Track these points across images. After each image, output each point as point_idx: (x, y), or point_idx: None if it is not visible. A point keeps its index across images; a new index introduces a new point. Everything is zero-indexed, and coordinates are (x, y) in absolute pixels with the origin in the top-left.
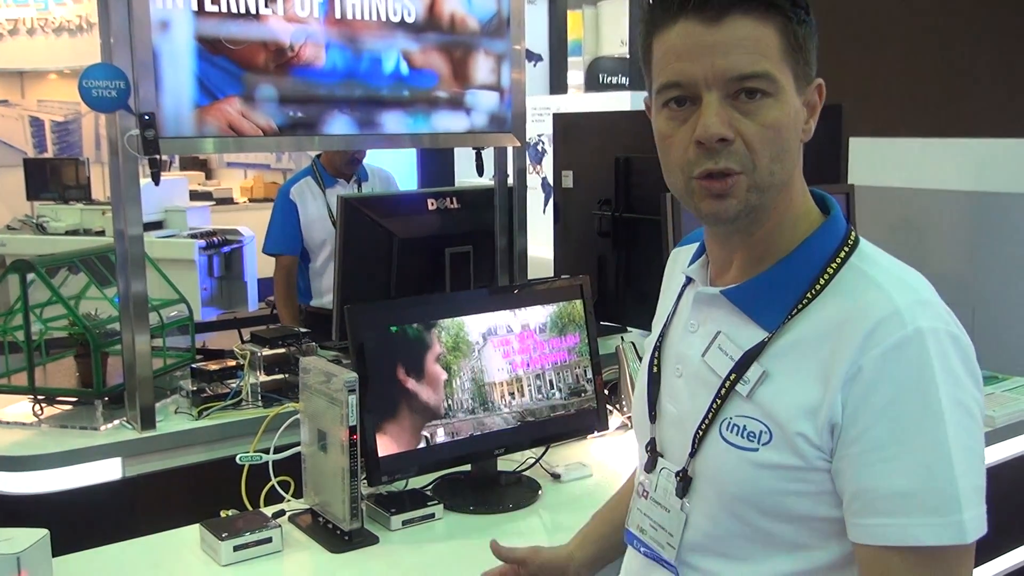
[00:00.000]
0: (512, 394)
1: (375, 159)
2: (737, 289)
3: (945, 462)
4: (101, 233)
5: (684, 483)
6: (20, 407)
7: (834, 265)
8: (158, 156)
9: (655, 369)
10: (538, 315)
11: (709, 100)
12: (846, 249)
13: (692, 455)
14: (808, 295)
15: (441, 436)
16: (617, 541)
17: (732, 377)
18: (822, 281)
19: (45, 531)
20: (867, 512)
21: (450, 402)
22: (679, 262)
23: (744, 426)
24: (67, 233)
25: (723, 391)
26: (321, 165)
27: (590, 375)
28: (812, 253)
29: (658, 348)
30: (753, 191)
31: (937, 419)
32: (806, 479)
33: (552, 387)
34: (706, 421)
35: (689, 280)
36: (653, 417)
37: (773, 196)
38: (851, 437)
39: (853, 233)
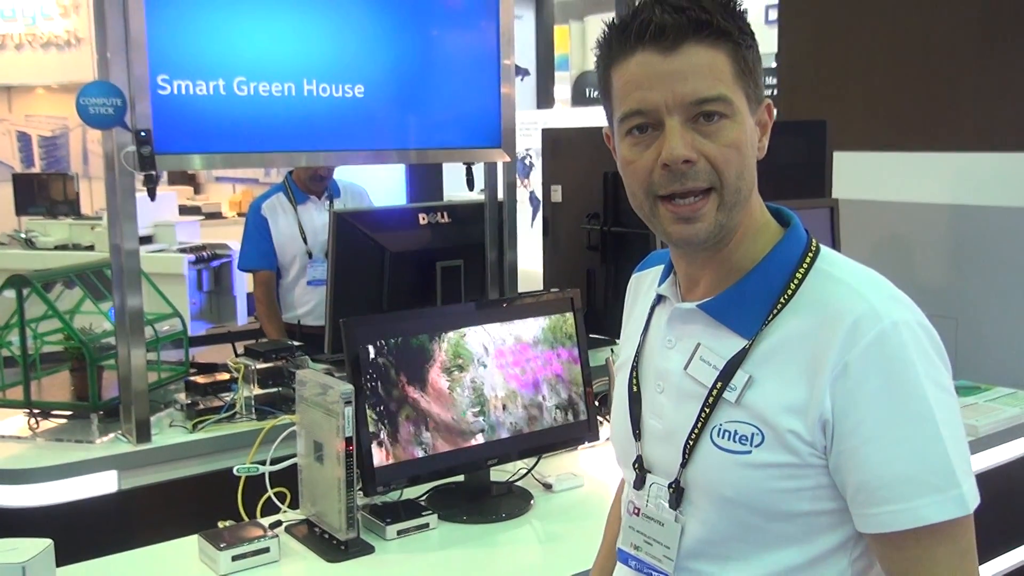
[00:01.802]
0: (504, 405)
1: (362, 173)
2: (713, 302)
3: (938, 441)
4: (90, 248)
5: (677, 494)
6: (15, 421)
7: (802, 270)
8: (154, 172)
9: (635, 388)
10: (529, 328)
11: (672, 125)
12: (810, 255)
13: (684, 465)
14: (781, 300)
15: (435, 447)
16: None
17: (718, 385)
18: (792, 286)
19: (49, 541)
20: (873, 501)
21: (443, 413)
22: (643, 286)
23: (735, 431)
24: (56, 248)
25: (711, 399)
26: (293, 181)
27: (580, 387)
28: (780, 262)
29: (635, 367)
30: (722, 210)
31: (924, 403)
32: (800, 475)
33: (543, 399)
34: (696, 430)
35: (659, 299)
36: (637, 435)
37: (739, 213)
38: (845, 431)
39: (814, 241)
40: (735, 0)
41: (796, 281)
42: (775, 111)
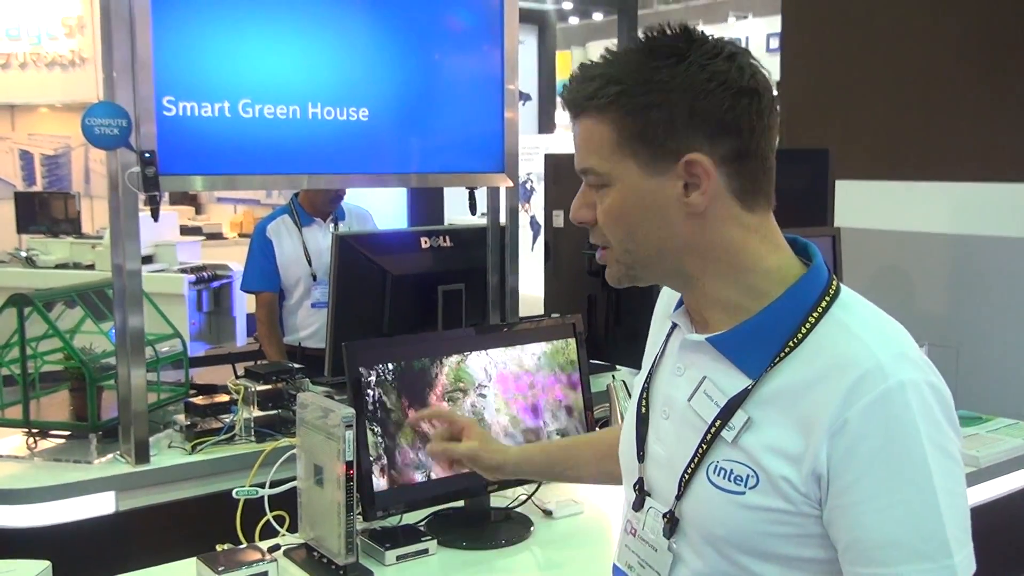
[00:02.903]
0: (505, 431)
1: (363, 196)
2: (722, 337)
3: (933, 509)
4: (91, 267)
5: (671, 524)
6: (13, 440)
7: (815, 315)
8: (158, 193)
9: (643, 410)
10: (530, 353)
11: (582, 187)
12: (827, 299)
13: (679, 497)
14: (790, 344)
15: (435, 472)
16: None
17: (717, 423)
18: (803, 331)
19: (47, 562)
20: (861, 562)
21: None
22: (666, 301)
23: (731, 470)
24: (57, 267)
25: (709, 436)
26: (299, 204)
27: (581, 412)
28: (794, 303)
29: (646, 389)
30: (619, 265)
31: (923, 468)
32: (792, 522)
33: (544, 424)
34: (692, 464)
35: (676, 324)
36: (641, 457)
37: (652, 264)
38: (839, 488)
39: (835, 282)
40: (660, 49)
41: (808, 325)
42: (708, 164)
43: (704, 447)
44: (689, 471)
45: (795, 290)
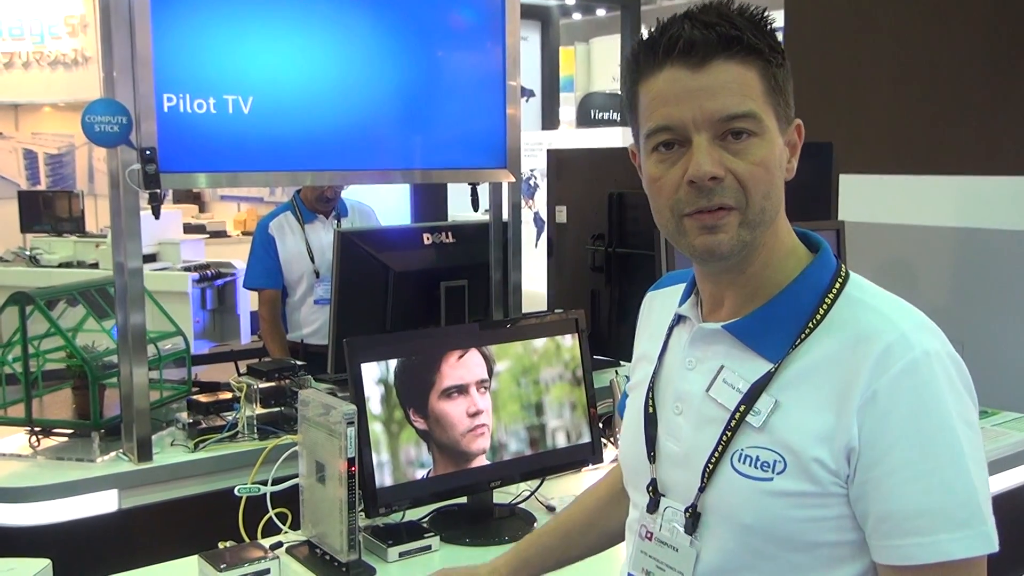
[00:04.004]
0: (507, 427)
1: (366, 192)
2: (739, 323)
3: (965, 476)
4: (95, 266)
5: (693, 519)
6: (16, 439)
7: (831, 296)
8: (159, 190)
9: (651, 410)
10: (533, 349)
11: (699, 141)
12: (840, 281)
13: (702, 490)
14: (810, 325)
15: (438, 468)
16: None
17: (742, 409)
18: (821, 311)
19: (47, 561)
20: (897, 533)
21: (446, 434)
22: (655, 306)
23: (757, 456)
24: (60, 265)
25: (733, 423)
26: (300, 200)
27: (584, 408)
28: (809, 285)
29: (651, 388)
30: (745, 227)
31: (952, 436)
32: (821, 505)
33: (547, 420)
34: (716, 454)
35: (679, 319)
36: (652, 457)
37: (762, 233)
38: (871, 460)
39: (843, 267)
40: (765, 18)
41: (825, 306)
42: (804, 131)
43: (728, 434)
44: (712, 461)
45: (808, 273)
